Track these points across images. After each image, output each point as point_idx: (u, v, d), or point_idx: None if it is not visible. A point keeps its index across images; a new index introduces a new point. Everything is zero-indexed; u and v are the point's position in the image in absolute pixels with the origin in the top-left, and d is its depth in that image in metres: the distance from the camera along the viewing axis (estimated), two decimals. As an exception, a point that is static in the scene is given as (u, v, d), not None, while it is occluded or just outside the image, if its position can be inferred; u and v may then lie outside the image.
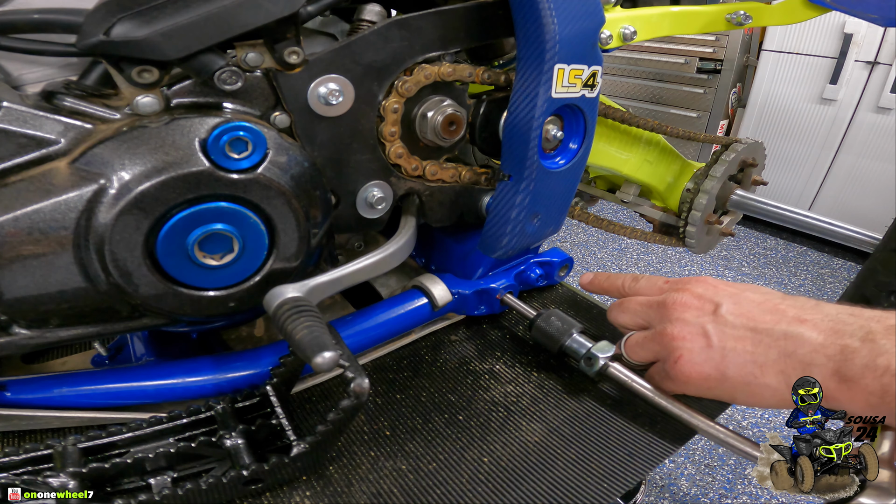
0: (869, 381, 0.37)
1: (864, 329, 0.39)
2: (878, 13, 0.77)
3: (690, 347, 0.46)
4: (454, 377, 0.57)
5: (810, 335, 0.41)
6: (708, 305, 0.47)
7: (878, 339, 0.38)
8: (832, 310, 0.42)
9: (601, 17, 0.53)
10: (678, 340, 0.47)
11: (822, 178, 2.47)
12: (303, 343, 0.38)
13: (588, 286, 0.63)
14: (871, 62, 2.21)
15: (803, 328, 0.42)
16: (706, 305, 0.47)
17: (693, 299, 0.48)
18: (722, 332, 0.45)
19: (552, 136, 0.56)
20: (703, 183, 0.81)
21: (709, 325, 0.46)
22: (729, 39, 2.57)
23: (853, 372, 0.38)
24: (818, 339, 0.41)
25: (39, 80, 0.45)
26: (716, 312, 0.46)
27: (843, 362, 0.39)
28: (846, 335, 0.40)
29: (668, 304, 0.50)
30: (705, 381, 0.46)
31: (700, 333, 0.46)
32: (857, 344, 0.39)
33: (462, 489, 0.44)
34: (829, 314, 0.42)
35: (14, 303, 0.40)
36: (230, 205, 0.43)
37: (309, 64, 0.46)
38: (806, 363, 0.41)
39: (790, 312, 0.44)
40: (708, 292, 0.48)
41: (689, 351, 0.46)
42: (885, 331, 0.38)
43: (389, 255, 0.51)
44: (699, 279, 0.50)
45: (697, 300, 0.48)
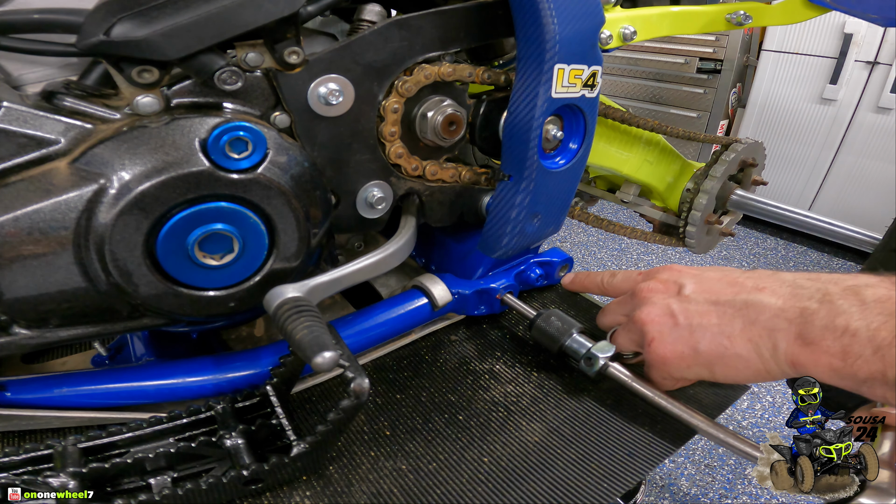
0: (829, 342, 0.38)
1: (822, 291, 0.40)
2: (878, 13, 0.77)
3: (660, 329, 0.48)
4: (454, 377, 0.57)
5: (770, 301, 0.42)
6: (672, 287, 0.49)
7: (835, 300, 0.38)
8: (789, 276, 0.44)
9: (601, 17, 0.53)
10: (648, 324, 0.49)
11: (822, 178, 2.47)
12: (303, 343, 0.38)
13: (570, 286, 0.66)
14: (871, 62, 2.21)
15: (762, 295, 0.43)
16: (670, 287, 0.49)
17: (658, 284, 0.51)
18: (686, 309, 0.47)
19: (552, 136, 0.56)
20: (703, 183, 0.81)
21: (674, 304, 0.48)
22: (729, 39, 2.58)
23: (814, 334, 0.39)
24: (777, 303, 0.42)
25: (39, 80, 0.45)
26: (680, 293, 0.48)
27: (804, 325, 0.39)
28: (804, 298, 0.40)
29: (636, 292, 0.52)
30: (681, 360, 0.47)
31: (666, 313, 0.48)
32: (815, 306, 0.39)
33: (462, 489, 0.44)
34: (786, 280, 0.43)
35: (14, 303, 0.40)
36: (230, 205, 0.43)
37: (309, 64, 0.46)
38: (770, 328, 0.41)
39: (749, 283, 0.45)
40: (672, 276, 0.51)
41: (658, 332, 0.48)
42: (843, 292, 0.39)
43: (389, 255, 0.51)
44: (666, 267, 0.53)
45: (663, 284, 0.50)
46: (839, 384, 0.38)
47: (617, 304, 0.57)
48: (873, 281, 0.39)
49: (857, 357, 0.36)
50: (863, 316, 0.37)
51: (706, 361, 0.46)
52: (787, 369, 0.41)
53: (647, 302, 0.50)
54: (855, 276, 0.40)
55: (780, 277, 0.44)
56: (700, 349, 0.46)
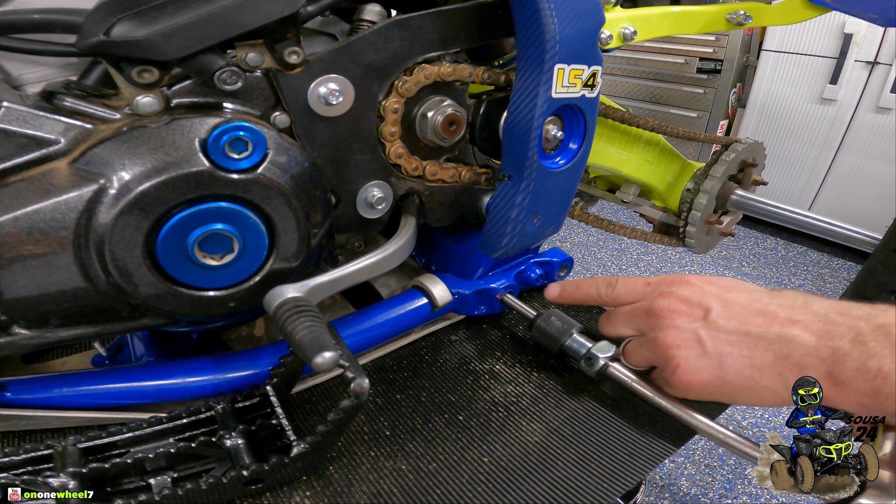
0: (861, 383, 0.38)
1: (854, 330, 0.39)
2: (878, 13, 0.77)
3: (686, 355, 0.46)
4: (454, 377, 0.57)
5: (803, 338, 0.41)
6: (697, 310, 0.47)
7: (867, 342, 0.38)
8: (821, 308, 0.43)
9: (601, 17, 0.53)
10: (673, 349, 0.47)
11: (822, 178, 2.47)
12: (303, 343, 0.38)
13: (557, 300, 0.60)
14: (871, 62, 2.22)
15: (796, 330, 0.42)
16: (695, 310, 0.47)
17: (681, 304, 0.48)
18: (715, 337, 0.45)
19: (552, 136, 0.56)
20: (703, 183, 0.81)
21: (701, 331, 0.46)
22: (729, 39, 2.58)
23: (846, 375, 0.39)
24: (811, 341, 0.41)
25: (39, 80, 0.45)
26: (706, 318, 0.46)
27: (836, 365, 0.39)
28: (837, 337, 0.40)
29: (655, 311, 0.49)
30: (706, 388, 0.46)
31: (694, 340, 0.46)
32: (847, 346, 0.39)
33: (462, 489, 0.44)
34: (818, 314, 0.42)
35: (14, 303, 0.40)
36: (230, 205, 0.43)
37: (309, 64, 0.46)
38: (801, 366, 0.41)
39: (781, 314, 0.44)
40: (695, 295, 0.48)
41: (685, 359, 0.46)
42: (874, 331, 0.39)
43: (389, 255, 0.51)
44: (681, 280, 0.50)
45: (685, 305, 0.48)
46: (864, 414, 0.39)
47: (626, 317, 0.53)
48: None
49: (888, 397, 0.37)
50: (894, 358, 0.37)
51: (731, 391, 0.45)
52: None
53: (670, 325, 0.48)
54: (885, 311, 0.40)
55: (812, 309, 0.43)
56: (727, 379, 0.45)
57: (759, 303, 0.45)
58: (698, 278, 0.50)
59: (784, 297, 0.45)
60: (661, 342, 0.48)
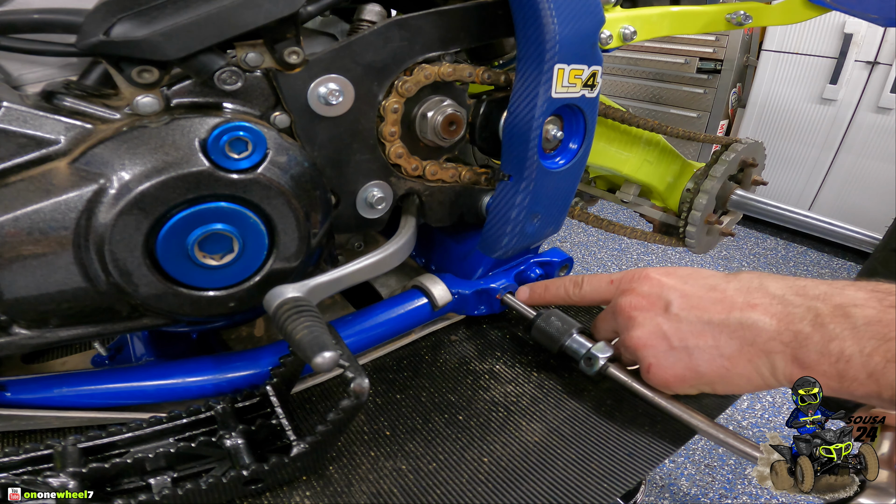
0: (825, 367, 0.38)
1: (812, 311, 0.40)
2: (878, 13, 0.77)
3: (655, 353, 0.47)
4: (454, 377, 0.57)
5: (764, 322, 0.42)
6: (657, 304, 0.47)
7: (827, 324, 0.39)
8: (778, 289, 0.43)
9: (601, 17, 0.53)
10: (641, 349, 0.48)
11: (822, 178, 2.47)
12: (303, 343, 0.38)
13: (527, 302, 0.61)
14: (871, 62, 2.22)
15: (755, 315, 0.42)
16: (656, 304, 0.47)
17: (641, 300, 0.48)
18: (679, 330, 0.46)
19: (552, 136, 0.56)
20: (703, 183, 0.81)
21: (665, 325, 0.46)
22: (729, 39, 2.58)
23: (810, 358, 0.39)
24: (772, 325, 0.41)
25: (39, 80, 0.45)
26: (667, 311, 0.47)
27: (799, 349, 0.40)
28: (796, 319, 0.40)
29: (619, 310, 0.50)
30: (683, 381, 0.46)
31: (659, 336, 0.47)
32: (808, 329, 0.39)
33: (462, 489, 0.44)
34: (776, 296, 0.42)
35: (14, 303, 0.40)
36: (230, 205, 0.43)
37: (309, 64, 0.46)
38: (767, 350, 0.41)
39: (738, 299, 0.44)
40: (654, 290, 0.48)
41: (655, 357, 0.47)
42: (832, 312, 0.39)
43: (389, 255, 0.51)
44: (641, 276, 0.50)
45: (646, 300, 0.48)
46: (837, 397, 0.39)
47: (603, 321, 0.54)
48: (860, 298, 0.39)
49: (853, 380, 0.37)
50: (855, 341, 0.37)
51: (708, 381, 0.45)
52: (787, 383, 0.41)
53: (634, 324, 0.48)
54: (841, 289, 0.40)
55: (769, 290, 0.43)
56: (701, 371, 0.45)
57: (716, 290, 0.46)
58: (656, 271, 0.50)
59: (740, 279, 0.45)
60: (630, 343, 0.49)
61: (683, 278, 0.48)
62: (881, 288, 0.39)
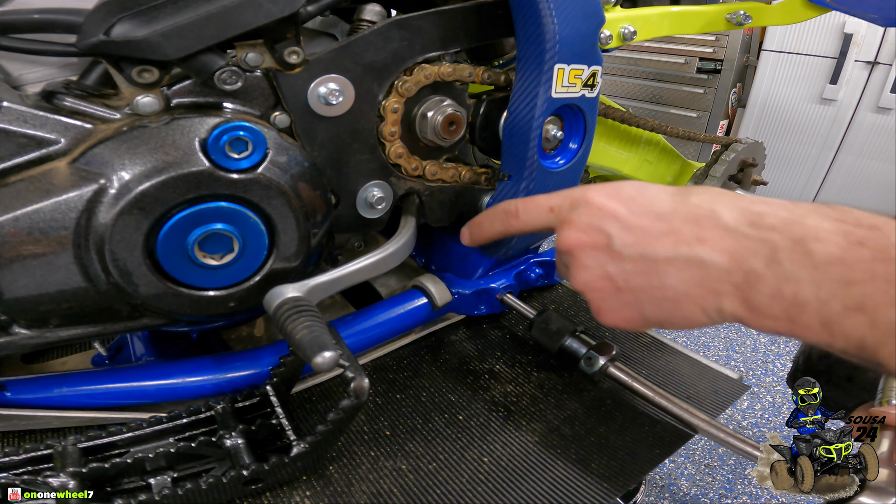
0: (776, 310, 0.35)
1: (768, 245, 0.36)
2: (878, 13, 0.77)
3: (602, 297, 0.44)
4: (454, 377, 0.57)
5: (713, 259, 0.38)
6: (600, 239, 0.43)
7: (782, 262, 0.35)
8: (731, 219, 0.39)
9: (601, 17, 0.53)
10: (588, 293, 0.44)
11: (822, 178, 2.47)
12: (303, 343, 0.38)
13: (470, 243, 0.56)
14: (871, 62, 2.21)
15: (704, 250, 0.38)
16: (598, 239, 0.43)
17: (581, 234, 0.44)
18: (623, 270, 0.42)
19: (552, 136, 0.56)
20: (703, 183, 0.81)
21: (609, 265, 0.43)
22: (729, 39, 2.57)
23: (761, 302, 0.35)
24: (722, 263, 0.37)
25: (39, 80, 0.45)
26: (610, 248, 0.42)
27: (750, 290, 0.36)
28: (750, 255, 0.36)
29: (561, 248, 0.46)
30: (631, 324, 0.44)
31: (604, 277, 0.43)
32: (761, 268, 0.35)
33: (462, 489, 0.44)
34: (728, 227, 0.38)
35: (14, 303, 0.40)
36: (230, 205, 0.43)
37: (309, 64, 0.46)
38: (715, 291, 0.38)
39: (686, 231, 0.40)
40: (594, 220, 0.44)
41: (602, 300, 0.44)
42: (792, 247, 0.35)
43: (389, 255, 0.51)
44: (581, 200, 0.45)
45: (586, 234, 0.44)
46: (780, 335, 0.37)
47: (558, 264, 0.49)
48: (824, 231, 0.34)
49: (805, 327, 0.34)
50: (813, 283, 0.33)
51: (655, 322, 0.42)
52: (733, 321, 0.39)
53: (578, 264, 0.44)
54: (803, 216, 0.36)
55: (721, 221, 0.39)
56: (647, 314, 0.42)
57: (661, 220, 0.41)
58: (599, 192, 0.45)
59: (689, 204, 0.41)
60: (576, 286, 0.45)
61: (627, 201, 0.43)
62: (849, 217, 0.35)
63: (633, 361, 0.61)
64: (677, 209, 0.41)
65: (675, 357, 0.62)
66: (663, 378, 0.58)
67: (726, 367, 0.61)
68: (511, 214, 0.51)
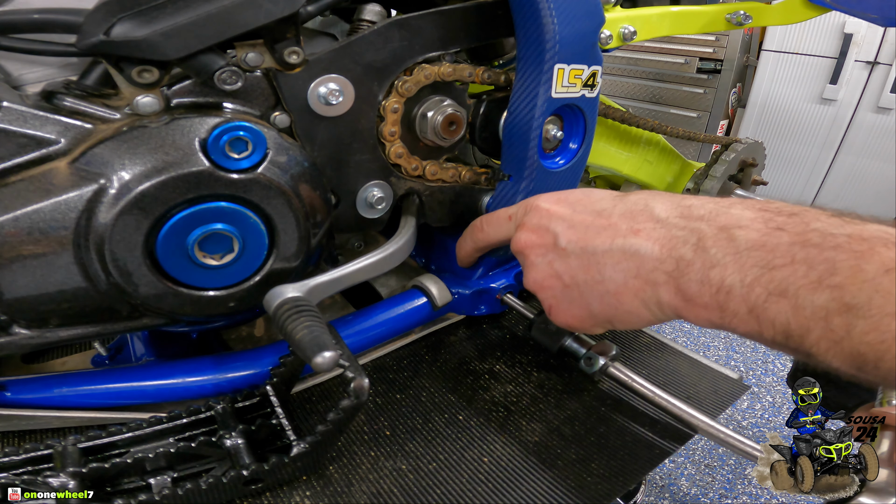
0: (707, 298, 0.35)
1: (696, 234, 0.36)
2: (878, 13, 0.77)
3: (553, 295, 0.45)
4: (454, 377, 0.57)
5: (646, 248, 0.38)
6: (547, 238, 0.44)
7: (709, 248, 0.35)
8: (663, 211, 0.39)
9: (601, 17, 0.53)
10: (539, 292, 0.46)
11: (822, 178, 2.47)
12: (303, 343, 0.38)
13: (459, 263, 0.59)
14: (871, 62, 2.21)
15: (638, 241, 0.39)
16: (545, 239, 0.44)
17: (532, 235, 0.45)
18: (568, 265, 0.43)
19: (552, 136, 0.56)
20: (703, 183, 0.81)
21: (556, 263, 0.44)
22: (729, 39, 2.57)
23: (692, 289, 0.36)
24: (655, 252, 0.38)
25: (39, 80, 0.45)
26: (556, 245, 0.43)
27: (681, 278, 0.36)
28: (679, 244, 0.37)
29: (516, 249, 0.47)
30: (582, 322, 0.44)
31: (552, 275, 0.44)
32: (689, 255, 0.36)
33: (462, 489, 0.44)
34: (660, 219, 0.39)
35: (14, 303, 0.40)
36: (230, 205, 0.43)
37: (309, 64, 0.46)
38: (651, 282, 0.38)
39: (622, 225, 0.41)
40: (542, 221, 0.45)
41: (553, 299, 0.45)
42: (717, 234, 0.35)
43: (389, 255, 0.51)
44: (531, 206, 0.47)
45: (536, 235, 0.45)
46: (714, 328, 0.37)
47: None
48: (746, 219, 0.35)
49: (734, 315, 0.34)
50: (737, 268, 0.33)
51: (604, 319, 0.43)
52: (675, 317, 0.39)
53: (529, 264, 0.46)
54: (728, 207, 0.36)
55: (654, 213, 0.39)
56: (594, 310, 0.43)
57: (601, 216, 0.42)
58: (547, 198, 0.46)
59: (627, 201, 0.42)
60: (529, 286, 0.46)
61: (573, 204, 0.45)
62: (771, 206, 0.35)
63: (633, 361, 0.61)
64: (616, 206, 0.42)
65: (674, 357, 0.62)
66: (663, 378, 0.58)
67: (726, 367, 0.61)
68: (477, 229, 0.53)
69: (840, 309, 0.29)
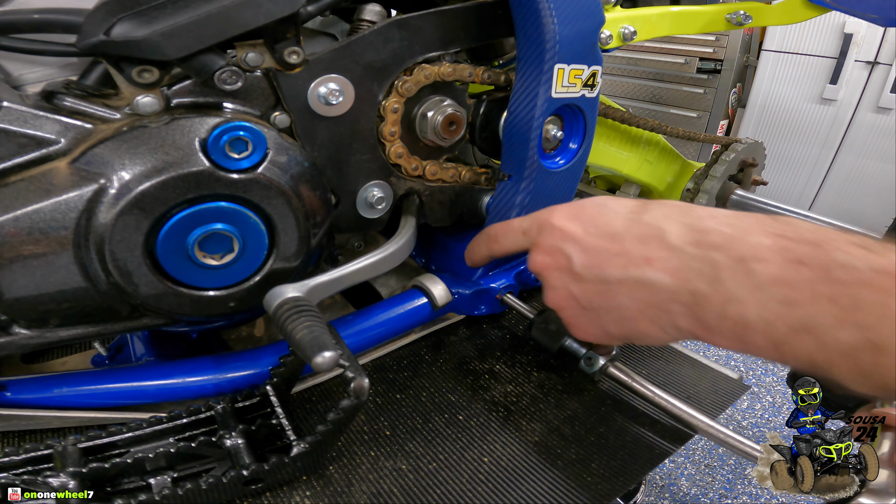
0: (726, 330, 0.35)
1: (711, 265, 0.36)
2: (878, 13, 0.77)
3: (571, 314, 0.46)
4: (454, 377, 0.57)
5: (660, 280, 0.38)
6: (562, 261, 0.45)
7: (725, 281, 0.35)
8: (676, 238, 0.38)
9: (601, 17, 0.53)
10: (559, 311, 0.47)
11: (822, 178, 2.47)
12: (303, 343, 0.38)
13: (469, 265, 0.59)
14: (871, 62, 2.21)
15: (651, 271, 0.39)
16: (560, 261, 0.45)
17: (546, 257, 0.46)
18: (584, 290, 0.43)
19: (552, 136, 0.56)
20: (703, 183, 0.81)
21: (572, 286, 0.44)
22: (729, 39, 2.57)
23: (711, 322, 0.36)
24: (669, 283, 0.38)
25: (39, 80, 0.45)
26: (571, 270, 0.44)
27: (698, 310, 0.36)
28: (693, 275, 0.36)
29: (532, 270, 0.48)
30: (600, 339, 0.45)
31: (569, 297, 0.45)
32: (705, 288, 0.36)
33: (462, 489, 0.44)
34: (673, 247, 0.38)
35: (14, 303, 0.40)
36: (230, 205, 0.43)
37: (309, 64, 0.46)
38: (667, 311, 0.38)
39: (635, 252, 0.40)
40: (556, 242, 0.45)
41: (572, 317, 0.46)
42: (734, 266, 0.35)
43: (389, 255, 0.51)
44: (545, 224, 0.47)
45: (550, 257, 0.46)
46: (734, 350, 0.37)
47: None
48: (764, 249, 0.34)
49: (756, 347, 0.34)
50: (756, 304, 0.33)
51: (621, 338, 0.44)
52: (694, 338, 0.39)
53: (547, 285, 0.47)
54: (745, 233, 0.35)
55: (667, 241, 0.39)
56: (611, 332, 0.43)
57: (614, 241, 0.42)
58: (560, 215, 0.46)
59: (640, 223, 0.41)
60: (548, 303, 0.47)
61: (585, 223, 0.44)
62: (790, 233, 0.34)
63: (633, 361, 0.61)
64: (629, 229, 0.42)
65: (674, 357, 0.62)
66: (663, 378, 0.58)
67: (726, 367, 0.61)
68: (492, 239, 0.53)
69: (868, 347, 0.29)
